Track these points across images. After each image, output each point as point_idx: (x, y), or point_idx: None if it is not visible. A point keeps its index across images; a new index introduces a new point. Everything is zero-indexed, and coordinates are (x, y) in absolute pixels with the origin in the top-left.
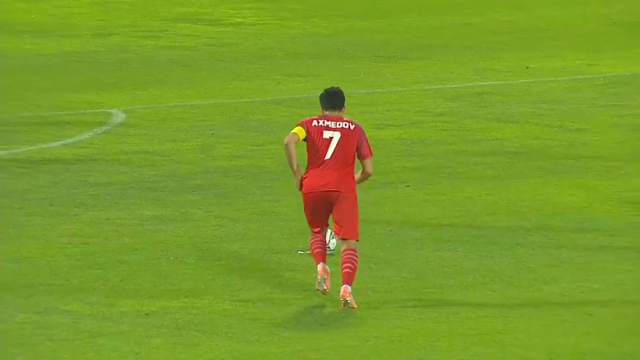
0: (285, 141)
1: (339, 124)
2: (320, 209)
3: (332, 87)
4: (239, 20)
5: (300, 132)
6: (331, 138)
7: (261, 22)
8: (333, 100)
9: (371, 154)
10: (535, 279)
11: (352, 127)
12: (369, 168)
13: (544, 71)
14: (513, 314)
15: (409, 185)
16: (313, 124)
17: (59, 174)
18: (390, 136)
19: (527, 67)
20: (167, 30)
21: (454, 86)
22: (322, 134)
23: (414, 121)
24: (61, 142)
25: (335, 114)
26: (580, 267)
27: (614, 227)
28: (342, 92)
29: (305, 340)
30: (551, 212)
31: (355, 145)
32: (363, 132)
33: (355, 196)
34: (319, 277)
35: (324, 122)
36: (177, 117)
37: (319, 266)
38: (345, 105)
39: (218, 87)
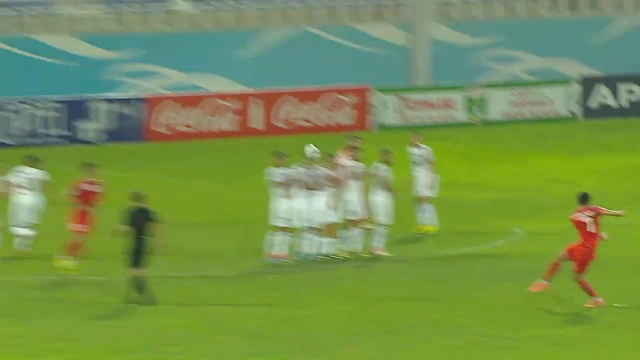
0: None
1: (587, 214)
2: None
3: (583, 192)
4: (588, 183)
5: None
6: (585, 222)
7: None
8: (584, 199)
9: (597, 209)
10: None
11: (591, 215)
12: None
13: None
14: None
15: None
16: (574, 217)
17: None
18: None
19: None
20: (543, 190)
21: None
22: (579, 218)
23: None
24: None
25: (584, 206)
26: None
27: None
28: (589, 195)
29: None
30: None
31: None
32: (594, 209)
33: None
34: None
35: (580, 213)
36: None
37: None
38: (589, 201)
39: None
